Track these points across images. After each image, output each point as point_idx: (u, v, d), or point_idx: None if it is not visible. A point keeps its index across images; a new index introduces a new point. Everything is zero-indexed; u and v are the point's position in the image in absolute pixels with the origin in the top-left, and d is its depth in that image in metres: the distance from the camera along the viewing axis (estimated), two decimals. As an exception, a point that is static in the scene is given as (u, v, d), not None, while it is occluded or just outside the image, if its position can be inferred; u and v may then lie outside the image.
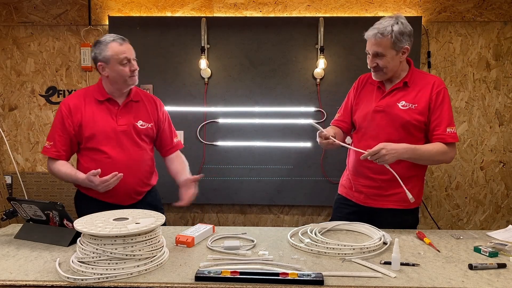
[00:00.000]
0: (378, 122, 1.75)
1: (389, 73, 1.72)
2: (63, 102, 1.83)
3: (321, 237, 1.42)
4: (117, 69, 1.77)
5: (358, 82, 1.91)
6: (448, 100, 1.71)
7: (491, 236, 1.58)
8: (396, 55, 1.67)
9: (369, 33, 1.68)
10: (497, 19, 2.89)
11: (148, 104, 1.93)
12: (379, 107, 1.75)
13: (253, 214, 3.07)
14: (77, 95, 1.86)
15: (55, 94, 3.04)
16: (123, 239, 1.16)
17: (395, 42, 1.64)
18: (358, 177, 1.82)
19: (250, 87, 2.93)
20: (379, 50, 1.66)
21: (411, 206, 1.76)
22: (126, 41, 1.80)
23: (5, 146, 3.03)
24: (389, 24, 1.63)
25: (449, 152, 1.67)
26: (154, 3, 2.96)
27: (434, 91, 1.69)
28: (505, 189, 2.99)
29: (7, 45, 3.02)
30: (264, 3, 2.94)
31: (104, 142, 1.80)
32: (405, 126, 1.70)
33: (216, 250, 1.37)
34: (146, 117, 1.90)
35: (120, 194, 1.82)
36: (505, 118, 2.94)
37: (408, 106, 1.70)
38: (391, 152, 1.55)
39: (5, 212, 1.63)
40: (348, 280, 1.13)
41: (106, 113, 1.82)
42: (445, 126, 1.67)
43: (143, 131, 1.88)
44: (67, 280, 1.12)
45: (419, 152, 1.63)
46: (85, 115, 1.80)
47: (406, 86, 1.73)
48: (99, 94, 1.84)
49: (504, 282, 1.13)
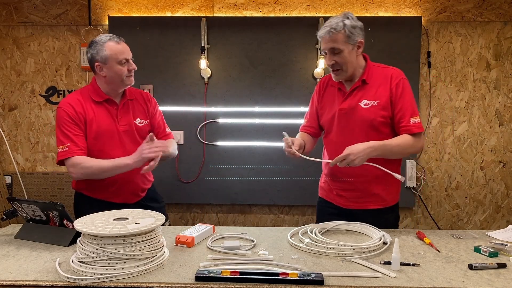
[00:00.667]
0: (344, 124, 1.74)
1: (349, 71, 1.70)
2: (62, 103, 1.75)
3: (321, 237, 1.42)
4: (116, 69, 1.74)
5: (319, 85, 1.90)
6: (408, 90, 1.69)
7: (491, 236, 1.58)
8: (352, 49, 1.67)
9: (322, 32, 1.67)
10: (497, 19, 2.89)
11: (140, 100, 1.93)
12: (342, 109, 1.74)
13: (253, 214, 3.07)
14: (73, 97, 1.78)
15: (55, 94, 3.04)
16: (123, 239, 1.16)
17: (349, 36, 1.64)
18: (335, 182, 1.82)
19: (250, 87, 2.93)
20: (335, 45, 1.65)
21: (390, 203, 1.77)
22: (123, 40, 1.79)
23: (5, 146, 3.03)
24: (340, 20, 1.64)
25: (417, 143, 1.66)
26: (154, 3, 2.96)
27: (393, 83, 1.68)
28: (505, 189, 2.99)
29: (7, 45, 3.02)
30: (264, 3, 2.94)
31: (108, 143, 1.79)
32: (371, 124, 1.69)
33: (216, 250, 1.37)
34: (143, 114, 1.91)
35: (127, 193, 1.83)
36: (505, 118, 2.94)
37: (370, 104, 1.69)
38: (358, 154, 1.52)
39: (5, 212, 1.63)
40: (348, 280, 1.13)
41: (107, 114, 1.81)
42: (409, 117, 1.66)
43: (142, 128, 1.89)
44: (67, 280, 1.12)
45: (388, 147, 1.61)
46: (87, 115, 1.76)
47: (365, 84, 1.72)
48: (96, 95, 1.80)
49: (504, 282, 1.13)
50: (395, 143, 1.63)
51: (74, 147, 1.69)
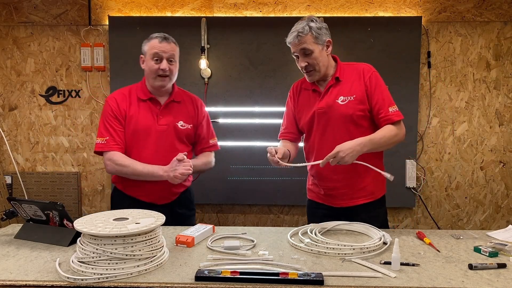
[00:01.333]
0: (324, 123, 1.76)
1: (321, 70, 1.73)
2: (109, 97, 1.85)
3: (321, 237, 1.42)
4: (149, 63, 1.79)
5: (292, 91, 1.92)
6: (381, 82, 1.74)
7: (491, 236, 1.58)
8: (322, 49, 1.71)
9: (290, 37, 1.73)
10: (497, 19, 2.89)
11: (189, 105, 1.91)
12: (320, 109, 1.75)
13: (253, 214, 3.07)
14: (121, 92, 1.86)
15: (55, 94, 3.04)
16: (123, 239, 1.16)
17: (317, 37, 1.69)
18: (323, 182, 1.83)
19: (250, 87, 2.93)
20: (305, 46, 1.69)
21: (378, 196, 1.80)
22: (169, 40, 1.80)
23: (5, 146, 3.03)
24: (305, 24, 1.69)
25: (399, 131, 1.70)
26: (154, 3, 2.96)
27: (366, 77, 1.72)
28: (505, 189, 2.99)
29: (7, 45, 3.02)
30: (264, 3, 2.94)
31: (142, 141, 1.80)
32: (350, 119, 1.71)
33: (216, 250, 1.37)
34: (187, 118, 1.88)
35: (155, 194, 1.82)
36: (505, 118, 2.94)
37: (347, 100, 1.72)
38: (348, 152, 1.54)
39: (5, 212, 1.63)
40: (348, 280, 1.13)
41: (148, 113, 1.82)
42: (387, 107, 1.70)
43: (184, 131, 1.86)
44: (67, 280, 1.12)
45: (376, 140, 1.64)
46: (129, 111, 1.81)
47: (338, 81, 1.75)
48: (142, 93, 1.85)
49: (504, 282, 1.13)
50: (380, 135, 1.66)
51: (111, 141, 1.77)
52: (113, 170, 1.78)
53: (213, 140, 2.01)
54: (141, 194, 1.83)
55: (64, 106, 3.05)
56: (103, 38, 2.99)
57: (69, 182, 3.05)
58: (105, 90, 3.01)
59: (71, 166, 3.08)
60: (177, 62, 1.84)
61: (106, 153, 1.78)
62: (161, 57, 1.76)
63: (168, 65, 1.78)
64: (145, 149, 1.80)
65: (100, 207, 3.11)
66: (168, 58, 1.78)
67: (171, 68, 1.80)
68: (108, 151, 1.76)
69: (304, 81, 1.86)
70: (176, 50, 1.83)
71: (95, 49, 2.98)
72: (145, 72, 1.83)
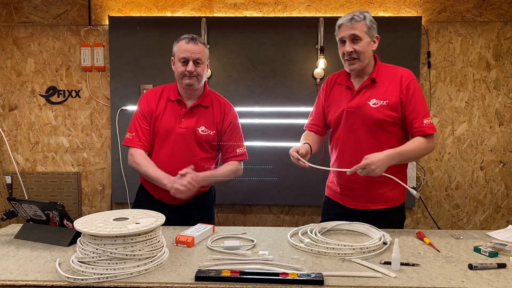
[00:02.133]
0: (351, 123, 1.74)
1: (364, 62, 1.70)
2: (143, 95, 1.91)
3: (321, 237, 1.42)
4: (177, 66, 1.81)
5: (326, 83, 1.89)
6: (419, 91, 1.70)
7: (491, 236, 1.58)
8: (370, 42, 1.70)
9: (343, 19, 1.70)
10: (497, 19, 2.89)
11: (216, 111, 1.88)
12: (350, 108, 1.73)
13: (253, 214, 3.07)
14: (154, 91, 1.91)
15: (55, 94, 3.04)
16: (123, 239, 1.16)
17: (369, 28, 1.69)
18: (341, 180, 1.81)
19: (250, 87, 2.93)
20: (356, 32, 1.67)
21: (397, 203, 1.77)
22: (196, 41, 1.79)
23: (5, 146, 3.03)
24: (361, 13, 1.70)
25: (430, 144, 1.68)
26: (154, 3, 2.96)
27: (404, 84, 1.68)
28: (505, 189, 2.99)
29: (7, 45, 3.02)
30: (264, 3, 2.94)
31: (160, 141, 1.83)
32: (378, 124, 1.69)
33: (216, 250, 1.37)
34: (210, 124, 1.86)
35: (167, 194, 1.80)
36: (505, 118, 2.94)
37: (379, 104, 1.69)
38: (379, 164, 1.53)
39: (5, 212, 1.63)
40: (348, 280, 1.13)
41: (173, 113, 1.84)
42: (422, 118, 1.66)
43: (204, 137, 1.84)
44: (67, 280, 1.12)
45: (405, 154, 1.63)
46: (156, 111, 1.85)
47: (374, 83, 1.72)
48: (172, 93, 1.87)
49: (504, 282, 1.13)
50: (411, 149, 1.64)
51: (136, 138, 1.85)
52: (131, 165, 1.86)
53: (241, 149, 1.94)
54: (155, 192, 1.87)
55: (64, 106, 3.05)
56: (103, 38, 2.99)
57: (69, 182, 3.05)
58: (105, 90, 3.01)
59: (71, 166, 3.09)
60: (205, 64, 1.82)
61: (130, 148, 1.86)
62: (188, 59, 1.76)
63: (195, 67, 1.77)
64: (163, 149, 1.83)
65: (100, 207, 3.11)
66: (195, 60, 1.77)
67: (198, 70, 1.78)
68: (132, 147, 1.85)
69: (340, 75, 1.83)
70: (204, 51, 1.81)
71: (95, 49, 2.98)
72: (175, 74, 1.84)
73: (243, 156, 1.95)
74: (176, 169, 1.74)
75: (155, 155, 1.85)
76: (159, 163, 1.81)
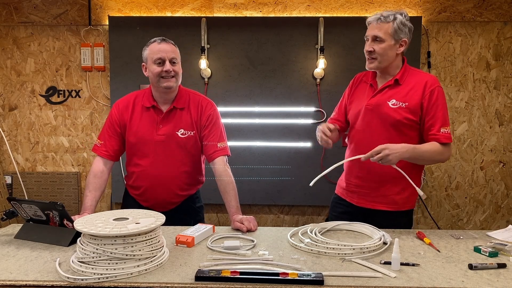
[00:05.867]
0: (368, 120, 1.74)
1: (383, 63, 1.70)
2: (115, 104, 1.86)
3: (321, 237, 1.42)
4: (151, 68, 1.73)
5: (353, 80, 1.90)
6: (442, 99, 1.68)
7: (491, 236, 1.58)
8: (394, 45, 1.67)
9: (372, 18, 1.70)
10: (497, 19, 2.89)
11: (193, 110, 1.81)
12: (369, 105, 1.74)
13: (253, 214, 3.07)
14: (126, 99, 1.85)
15: (55, 94, 3.04)
16: (123, 239, 1.16)
17: (396, 31, 1.65)
18: (350, 177, 1.83)
19: (250, 87, 2.93)
20: (379, 34, 1.66)
21: (403, 208, 1.75)
22: (167, 41, 1.76)
23: (5, 146, 3.03)
24: (393, 13, 1.67)
25: (445, 152, 1.67)
26: (154, 3, 2.96)
27: (427, 90, 1.67)
28: (505, 189, 2.99)
29: (7, 45, 3.02)
30: (264, 3, 2.94)
31: (141, 150, 1.80)
32: (395, 125, 1.68)
33: (216, 250, 1.37)
34: (188, 125, 1.80)
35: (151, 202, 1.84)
36: (505, 118, 2.94)
37: (398, 105, 1.68)
38: (393, 152, 1.54)
39: (5, 212, 1.63)
40: (348, 280, 1.13)
41: (149, 122, 1.79)
42: (439, 126, 1.65)
43: (184, 140, 1.79)
44: (67, 280, 1.12)
45: (419, 151, 1.62)
46: (130, 120, 1.80)
47: (397, 84, 1.72)
48: (147, 100, 1.80)
49: (504, 282, 1.13)
50: (425, 149, 1.64)
51: (103, 147, 1.83)
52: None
53: (222, 144, 1.85)
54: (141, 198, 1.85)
55: (64, 106, 3.05)
56: (103, 38, 2.99)
57: (69, 182, 3.05)
58: (105, 90, 3.01)
59: (71, 166, 3.09)
60: (179, 64, 1.79)
61: (96, 156, 1.86)
62: (163, 59, 1.71)
63: (172, 67, 1.72)
64: (144, 158, 1.79)
65: (100, 207, 3.11)
66: (170, 60, 1.73)
67: (175, 69, 1.74)
68: (98, 155, 1.84)
69: (366, 74, 1.84)
70: (176, 51, 1.79)
71: (95, 49, 2.98)
72: (150, 79, 1.76)
73: (224, 151, 1.86)
74: (161, 174, 1.76)
75: (137, 164, 1.81)
76: (142, 171, 1.79)
